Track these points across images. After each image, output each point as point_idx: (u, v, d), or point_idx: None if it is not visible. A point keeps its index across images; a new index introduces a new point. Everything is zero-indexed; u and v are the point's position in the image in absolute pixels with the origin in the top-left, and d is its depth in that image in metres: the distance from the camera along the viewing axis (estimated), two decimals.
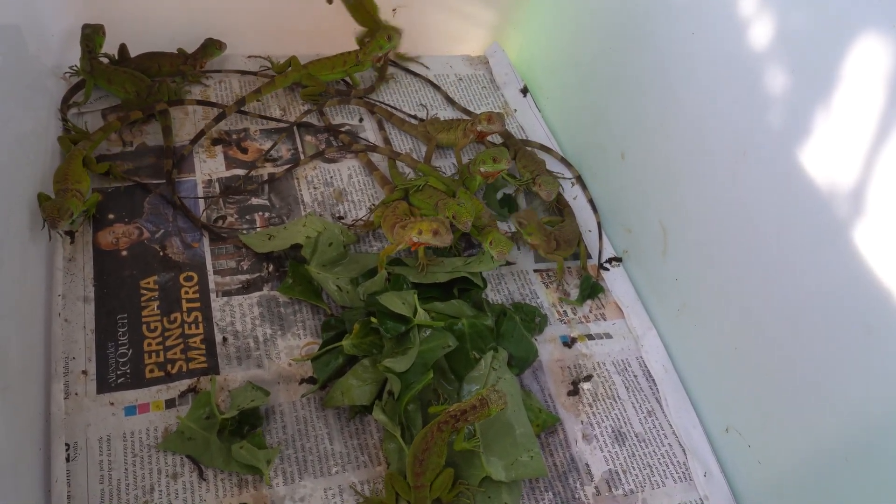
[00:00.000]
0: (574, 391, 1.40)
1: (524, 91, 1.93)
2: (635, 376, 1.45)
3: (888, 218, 1.02)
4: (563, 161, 1.76)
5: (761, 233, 1.25)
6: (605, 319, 1.53)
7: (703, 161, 1.37)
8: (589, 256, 1.61)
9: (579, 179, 1.73)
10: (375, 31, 1.72)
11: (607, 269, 1.60)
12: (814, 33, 1.12)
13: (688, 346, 1.46)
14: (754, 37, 1.20)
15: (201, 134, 1.59)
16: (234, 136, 1.64)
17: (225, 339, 1.32)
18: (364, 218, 1.54)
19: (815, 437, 1.16)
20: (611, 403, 1.40)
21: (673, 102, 1.42)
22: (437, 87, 1.88)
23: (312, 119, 1.72)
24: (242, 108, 1.67)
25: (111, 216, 1.45)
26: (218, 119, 1.61)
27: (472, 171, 1.53)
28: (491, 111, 1.60)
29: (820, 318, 1.14)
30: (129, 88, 1.60)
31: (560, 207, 1.66)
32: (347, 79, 1.80)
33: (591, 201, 1.69)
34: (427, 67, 1.94)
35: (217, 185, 1.55)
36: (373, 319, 1.30)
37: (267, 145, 1.63)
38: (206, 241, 1.45)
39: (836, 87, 1.08)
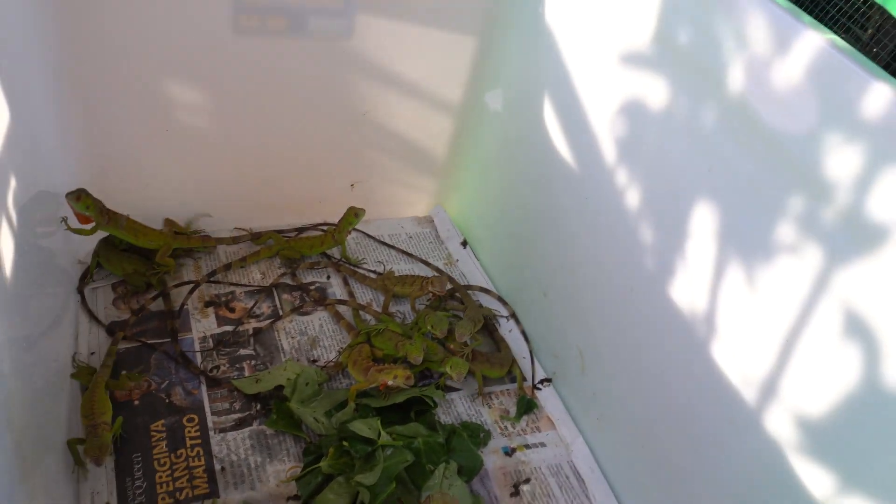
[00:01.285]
0: (516, 493, 1.68)
1: (464, 244, 2.29)
2: (567, 477, 1.73)
3: (733, 335, 1.37)
4: (500, 300, 2.11)
5: (653, 350, 1.58)
6: (539, 431, 1.83)
7: (604, 296, 1.72)
8: (524, 379, 1.93)
9: (514, 315, 2.07)
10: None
11: (540, 389, 1.91)
12: (664, 197, 1.52)
13: (608, 448, 1.75)
14: (630, 201, 1.59)
15: (195, 287, 1.94)
16: (223, 298, 1.98)
17: (223, 469, 1.60)
18: (334, 360, 1.86)
19: None
20: (547, 502, 1.67)
21: (576, 250, 1.79)
22: (391, 246, 2.25)
23: (288, 280, 2.06)
24: (222, 278, 2.01)
25: (124, 372, 1.75)
26: (210, 275, 1.96)
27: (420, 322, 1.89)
28: (435, 276, 2.00)
29: (695, 417, 1.47)
30: (126, 268, 1.91)
31: (497, 341, 1.99)
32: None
33: (523, 332, 2.02)
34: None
35: (210, 340, 1.86)
36: (345, 443, 1.59)
37: (251, 304, 1.97)
38: (203, 387, 1.74)
39: (685, 238, 1.46)
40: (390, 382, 1.66)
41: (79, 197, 1.74)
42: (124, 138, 1.88)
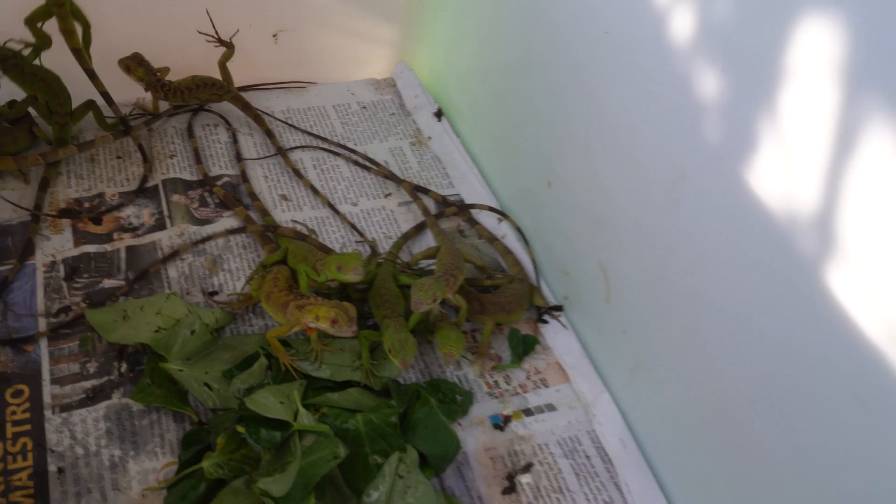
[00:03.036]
0: (510, 488, 1.12)
1: (438, 114, 1.67)
2: (587, 457, 1.18)
3: (864, 249, 0.77)
4: (498, 212, 1.48)
5: (716, 271, 0.99)
6: (545, 386, 1.25)
7: (638, 185, 1.12)
8: (546, 310, 1.34)
9: (504, 215, 1.47)
10: None
11: (545, 322, 1.33)
12: (744, 20, 0.86)
13: (649, 413, 1.19)
14: (676, 30, 0.95)
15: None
16: (87, 205, 1.37)
17: (61, 471, 1.04)
18: (240, 292, 1.27)
19: None
20: (558, 499, 1.12)
21: (596, 115, 1.17)
22: (323, 140, 1.59)
23: (183, 172, 1.45)
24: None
25: None
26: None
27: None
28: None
29: (796, 381, 0.88)
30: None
31: (508, 264, 1.40)
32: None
33: (523, 238, 1.42)
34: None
35: (62, 267, 1.27)
36: (239, 429, 1.03)
37: (127, 212, 1.36)
38: (43, 342, 1.17)
39: (778, 86, 0.82)
40: (311, 324, 1.08)
41: None
42: None
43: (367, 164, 1.54)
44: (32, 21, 1.34)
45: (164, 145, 1.50)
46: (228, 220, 1.38)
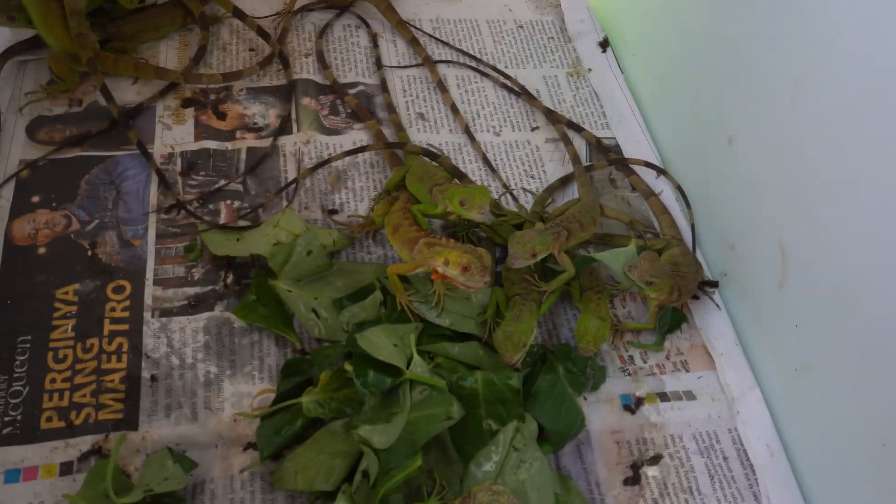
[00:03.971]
0: (634, 478, 0.98)
1: (603, 45, 1.47)
2: (725, 458, 1.02)
3: None
4: (656, 169, 1.28)
5: None
6: (686, 370, 1.09)
7: (855, 159, 0.91)
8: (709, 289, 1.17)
9: (663, 171, 1.27)
10: None
11: (696, 298, 1.15)
12: None
13: (809, 424, 1.01)
14: None
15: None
16: (212, 97, 1.27)
17: (154, 378, 0.97)
18: (364, 215, 1.15)
19: None
20: (686, 500, 0.97)
21: (815, 66, 0.95)
22: (473, 58, 1.42)
23: (317, 75, 1.32)
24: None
25: (35, 199, 1.11)
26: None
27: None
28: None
29: None
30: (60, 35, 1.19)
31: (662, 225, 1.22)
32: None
33: (685, 198, 1.23)
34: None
35: (180, 160, 1.18)
36: (347, 367, 0.92)
37: (253, 109, 1.26)
38: (151, 235, 1.09)
39: None
40: (439, 269, 0.95)
41: None
42: None
43: (520, 91, 1.36)
44: None
45: (300, 42, 1.38)
46: (359, 133, 1.26)
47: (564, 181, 1.25)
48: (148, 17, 1.29)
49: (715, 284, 1.16)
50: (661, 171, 1.27)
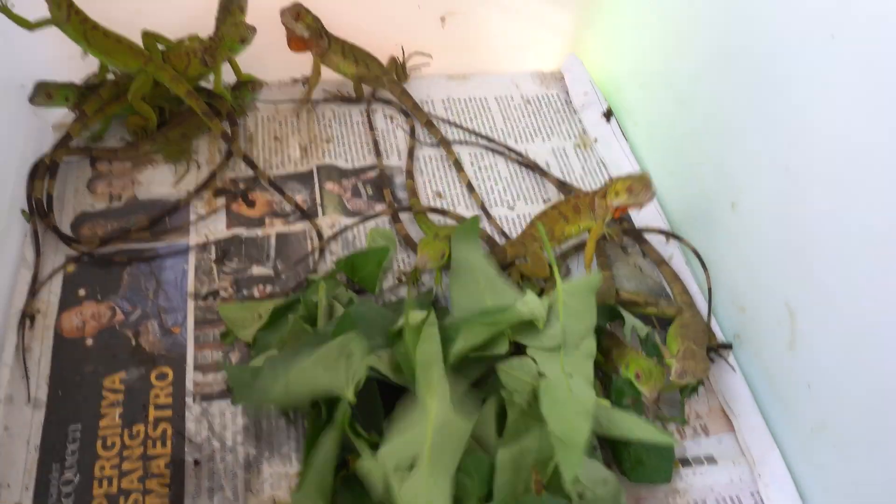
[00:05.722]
0: None
1: (607, 115, 1.54)
2: None
3: None
4: (673, 237, 1.34)
5: None
6: (706, 434, 1.13)
7: (850, 221, 0.96)
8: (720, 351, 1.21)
9: (674, 236, 1.33)
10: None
11: (712, 361, 1.19)
12: None
13: (831, 485, 1.04)
14: None
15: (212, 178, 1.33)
16: (242, 186, 1.35)
17: (197, 463, 1.03)
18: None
19: None
20: None
21: (805, 133, 1.02)
22: (486, 139, 1.49)
23: (337, 158, 1.40)
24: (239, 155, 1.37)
25: (82, 292, 1.18)
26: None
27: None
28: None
29: None
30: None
31: (675, 293, 1.27)
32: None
33: (700, 260, 1.27)
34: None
35: (214, 249, 1.26)
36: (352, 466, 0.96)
37: (278, 197, 1.33)
38: (189, 322, 1.16)
39: None
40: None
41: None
42: None
43: (531, 165, 1.43)
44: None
45: (321, 129, 1.46)
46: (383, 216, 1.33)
47: (578, 248, 1.31)
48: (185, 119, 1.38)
49: (729, 347, 1.21)
50: (675, 237, 1.33)
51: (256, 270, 1.23)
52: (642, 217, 1.36)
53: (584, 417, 0.89)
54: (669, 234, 1.33)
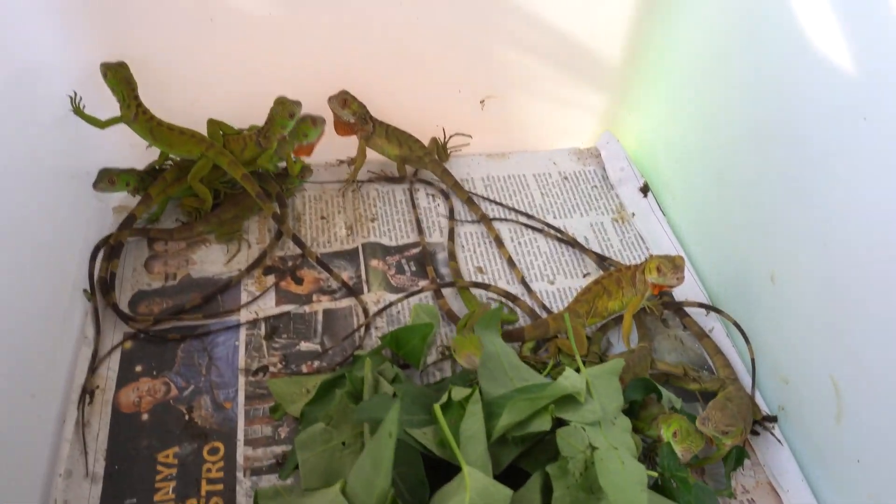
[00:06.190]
0: None
1: (644, 190, 1.58)
2: None
3: None
4: (713, 310, 1.35)
5: None
6: None
7: (891, 296, 0.96)
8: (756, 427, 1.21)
9: (716, 309, 1.34)
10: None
11: (757, 434, 1.19)
12: None
13: None
14: None
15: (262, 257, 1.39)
16: (290, 264, 1.40)
17: None
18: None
19: None
20: None
21: (842, 209, 1.03)
22: (526, 217, 1.54)
23: (381, 236, 1.45)
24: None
25: (138, 368, 1.23)
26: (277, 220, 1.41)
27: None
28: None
29: None
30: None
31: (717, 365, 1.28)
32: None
33: (742, 333, 1.27)
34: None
35: (263, 325, 1.30)
36: None
37: (325, 274, 1.38)
38: (240, 397, 1.20)
39: None
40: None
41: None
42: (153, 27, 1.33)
43: (570, 242, 1.47)
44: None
45: (366, 208, 1.52)
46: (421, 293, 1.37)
47: (618, 321, 1.33)
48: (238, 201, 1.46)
49: (774, 419, 1.20)
50: (716, 311, 1.33)
51: (304, 346, 1.27)
52: (681, 290, 1.38)
53: (641, 487, 0.90)
54: (709, 307, 1.34)
